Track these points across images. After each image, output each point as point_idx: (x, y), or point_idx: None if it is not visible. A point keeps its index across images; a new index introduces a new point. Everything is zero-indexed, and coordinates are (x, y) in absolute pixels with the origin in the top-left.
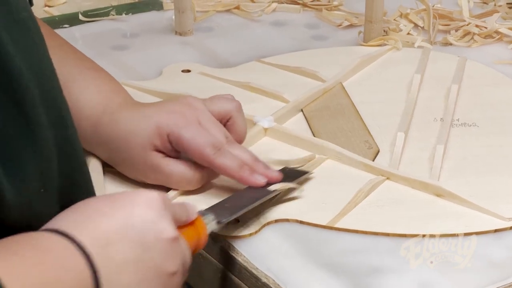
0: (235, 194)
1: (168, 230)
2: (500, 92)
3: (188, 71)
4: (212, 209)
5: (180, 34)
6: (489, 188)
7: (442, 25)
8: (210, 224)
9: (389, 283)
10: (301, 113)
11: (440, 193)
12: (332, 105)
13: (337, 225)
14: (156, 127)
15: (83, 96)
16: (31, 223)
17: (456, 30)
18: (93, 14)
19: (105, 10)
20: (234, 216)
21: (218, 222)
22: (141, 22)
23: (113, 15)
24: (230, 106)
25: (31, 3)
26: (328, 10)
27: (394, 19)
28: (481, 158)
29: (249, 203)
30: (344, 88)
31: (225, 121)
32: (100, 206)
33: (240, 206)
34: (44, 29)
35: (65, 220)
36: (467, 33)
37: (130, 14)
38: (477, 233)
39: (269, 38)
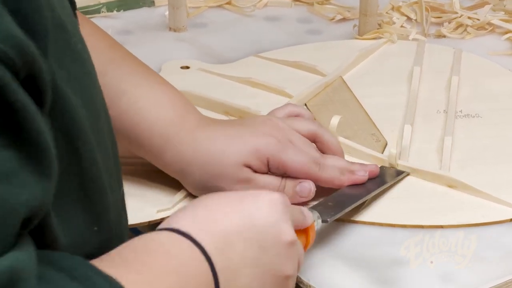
0: (337, 193)
1: (288, 233)
2: (499, 83)
3: (187, 67)
4: (315, 208)
5: (175, 31)
6: (499, 178)
7: (434, 17)
8: (316, 223)
9: (412, 274)
10: (304, 107)
11: (452, 184)
12: (336, 99)
13: (352, 218)
14: (255, 150)
15: (155, 110)
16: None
17: (449, 22)
18: (84, 12)
19: (95, 7)
20: (339, 215)
21: (323, 221)
22: (133, 19)
23: (104, 12)
24: (314, 126)
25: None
26: (319, 4)
27: (386, 12)
28: (488, 148)
29: (352, 201)
30: (345, 81)
31: (312, 141)
32: (221, 204)
33: (343, 204)
34: (106, 40)
35: (185, 218)
36: (460, 25)
37: (122, 11)
38: (493, 223)
39: (264, 33)
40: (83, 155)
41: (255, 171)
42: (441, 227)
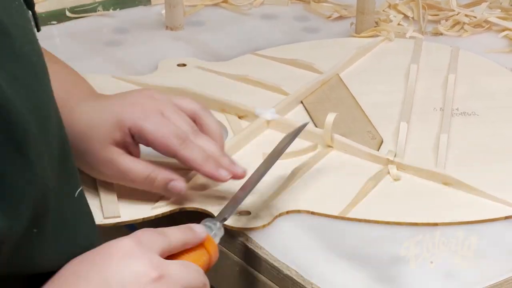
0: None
1: (146, 272)
2: (496, 81)
3: (184, 65)
4: (218, 216)
5: (171, 29)
6: (495, 176)
7: (431, 15)
8: (218, 232)
9: (414, 271)
10: (301, 105)
11: (448, 181)
12: (332, 97)
13: (349, 216)
14: (116, 120)
15: None
16: (24, 266)
17: (446, 20)
18: (80, 10)
19: (92, 6)
20: (236, 208)
21: (223, 220)
22: (130, 17)
23: (100, 10)
24: (197, 107)
25: (37, 29)
26: (316, 2)
27: (383, 10)
28: (484, 146)
29: (246, 191)
30: (341, 79)
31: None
32: (78, 269)
33: (237, 198)
34: None
35: None
36: (457, 22)
37: (118, 9)
38: (489, 221)
39: (260, 31)
40: (30, 158)
41: (124, 147)
42: (436, 224)
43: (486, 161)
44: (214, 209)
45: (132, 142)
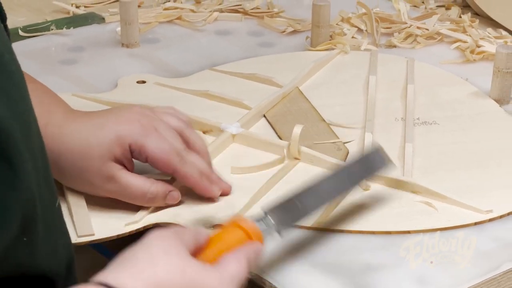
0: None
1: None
2: (453, 90)
3: (143, 82)
4: (275, 211)
5: (127, 46)
6: (462, 183)
7: (384, 28)
8: (269, 231)
9: (388, 279)
10: (263, 118)
11: (416, 190)
12: (294, 109)
13: (322, 226)
14: (116, 137)
15: None
16: (14, 271)
17: (399, 33)
18: (33, 29)
19: (45, 25)
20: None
21: (279, 232)
22: (84, 35)
23: (53, 29)
24: (183, 124)
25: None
26: (269, 17)
27: (337, 24)
28: (447, 154)
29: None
30: (301, 92)
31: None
32: (140, 254)
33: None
34: None
35: (116, 271)
36: (410, 35)
37: (72, 28)
38: (458, 227)
39: (216, 47)
40: (14, 163)
41: (122, 164)
42: (408, 232)
43: (451, 169)
44: (187, 222)
45: (130, 158)
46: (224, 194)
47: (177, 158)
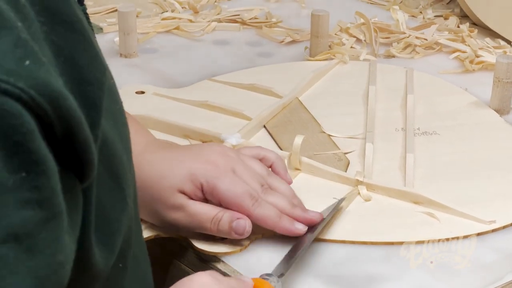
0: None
1: None
2: (453, 100)
3: (142, 92)
4: (275, 271)
5: (126, 56)
6: (463, 193)
7: (383, 38)
8: (278, 285)
9: None
10: (263, 129)
11: (418, 200)
12: (294, 120)
13: (323, 237)
14: (189, 174)
15: None
16: None
17: (398, 43)
18: None
19: None
20: (291, 264)
21: (281, 276)
22: None
23: None
24: (263, 169)
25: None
26: (268, 27)
27: (335, 34)
28: (449, 164)
29: (299, 246)
30: (301, 102)
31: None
32: None
33: (296, 253)
34: None
35: None
36: (408, 45)
37: None
38: (461, 238)
39: (215, 57)
40: (122, 186)
41: (191, 198)
42: (410, 243)
43: (453, 179)
44: (189, 235)
45: (201, 197)
46: (314, 224)
47: (250, 201)
